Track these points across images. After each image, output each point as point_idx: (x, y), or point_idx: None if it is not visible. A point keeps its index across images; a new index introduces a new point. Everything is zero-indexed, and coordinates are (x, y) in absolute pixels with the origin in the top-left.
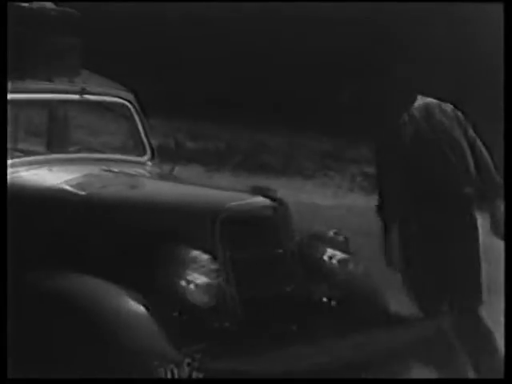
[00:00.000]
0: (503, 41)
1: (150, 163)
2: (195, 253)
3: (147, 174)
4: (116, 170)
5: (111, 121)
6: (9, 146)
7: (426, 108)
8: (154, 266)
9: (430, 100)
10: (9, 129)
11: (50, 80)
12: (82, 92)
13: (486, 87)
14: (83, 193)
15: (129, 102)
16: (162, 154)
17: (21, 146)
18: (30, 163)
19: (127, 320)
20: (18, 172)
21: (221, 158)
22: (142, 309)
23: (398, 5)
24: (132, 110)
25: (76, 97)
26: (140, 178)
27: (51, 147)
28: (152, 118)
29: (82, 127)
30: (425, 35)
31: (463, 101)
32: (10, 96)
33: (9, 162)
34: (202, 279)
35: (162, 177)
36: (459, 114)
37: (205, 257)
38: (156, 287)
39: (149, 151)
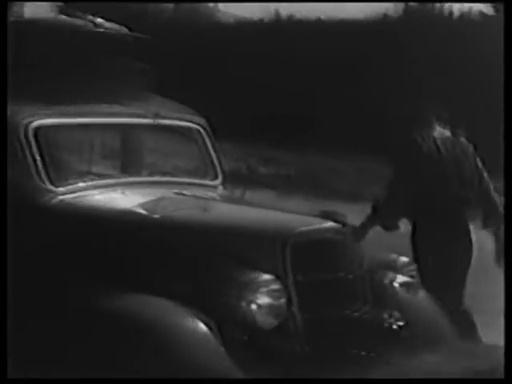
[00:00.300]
0: (503, 41)
1: (221, 187)
2: (260, 274)
3: (218, 198)
4: (188, 193)
5: (183, 145)
6: (83, 168)
7: (449, 140)
8: (220, 287)
9: (448, 134)
10: (84, 152)
11: (124, 104)
12: (155, 116)
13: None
14: (156, 216)
15: (201, 126)
16: (233, 179)
17: (94, 169)
18: (103, 186)
19: (192, 341)
20: (92, 195)
21: (292, 182)
22: (205, 329)
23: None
24: (204, 134)
25: (149, 121)
26: (211, 202)
27: (124, 170)
28: (224, 143)
29: (154, 150)
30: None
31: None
32: (85, 120)
33: (83, 184)
34: (265, 300)
35: (233, 200)
36: (471, 147)
37: (269, 278)
38: (221, 308)
39: (220, 175)
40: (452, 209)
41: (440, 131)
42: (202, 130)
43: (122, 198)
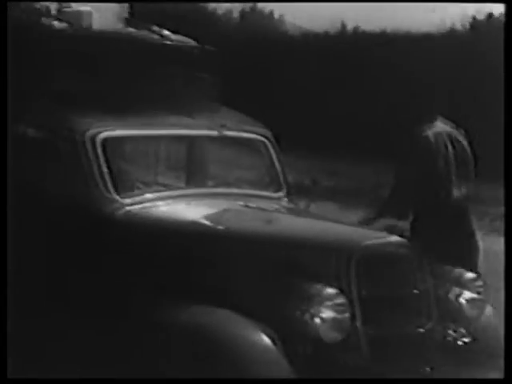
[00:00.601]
0: (503, 42)
1: (285, 199)
2: (324, 288)
3: (283, 210)
4: (253, 205)
5: (248, 156)
6: (149, 179)
7: (449, 135)
8: (283, 300)
9: (450, 129)
10: (149, 163)
11: (190, 116)
12: (222, 128)
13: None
14: (220, 227)
15: (266, 138)
16: (298, 191)
17: (160, 180)
18: (168, 197)
19: (255, 353)
20: (157, 206)
21: (355, 196)
22: (269, 342)
23: None
24: (269, 146)
25: (215, 133)
26: (276, 214)
27: (189, 181)
28: (288, 155)
29: (219, 162)
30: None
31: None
32: (151, 131)
33: (149, 195)
34: (329, 314)
35: (298, 213)
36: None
37: (333, 292)
38: (285, 321)
39: (285, 187)
40: (456, 207)
41: (444, 127)
42: (267, 142)
43: (187, 209)
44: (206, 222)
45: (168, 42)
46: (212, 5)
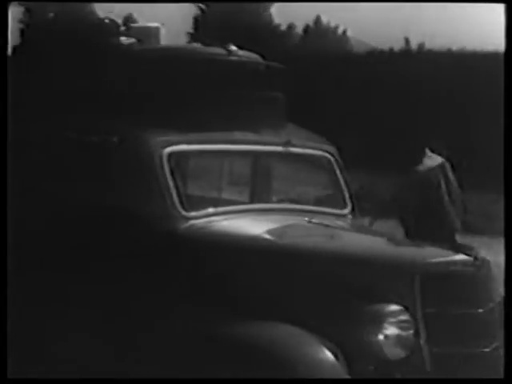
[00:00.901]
0: (504, 44)
1: (350, 216)
2: (388, 305)
3: (347, 227)
4: (316, 221)
5: (312, 172)
6: (213, 194)
7: (441, 167)
8: (347, 316)
9: (442, 160)
10: (213, 178)
11: (256, 132)
12: (287, 144)
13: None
14: (284, 242)
15: (331, 154)
16: (362, 208)
17: (224, 195)
18: (232, 212)
19: (318, 369)
20: (221, 221)
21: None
22: (332, 358)
23: None
24: (333, 162)
25: (280, 149)
26: (339, 231)
27: (254, 197)
28: (353, 171)
29: (283, 178)
30: None
31: None
32: (216, 146)
33: (213, 210)
34: (393, 331)
35: (362, 230)
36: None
37: (397, 308)
38: (348, 337)
39: (349, 204)
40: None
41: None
42: (331, 159)
43: (251, 224)
44: (269, 237)
45: (234, 58)
46: (276, 19)
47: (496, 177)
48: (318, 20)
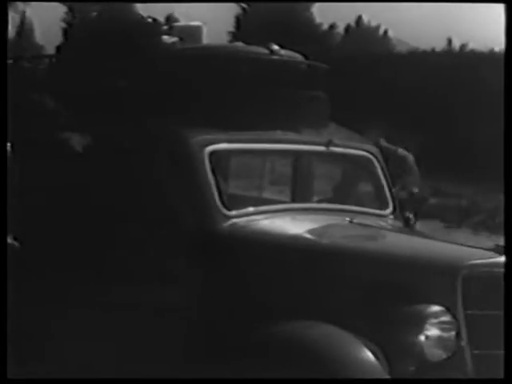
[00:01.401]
0: (504, 44)
1: (391, 216)
2: (429, 305)
3: (388, 227)
4: (357, 221)
5: (354, 172)
6: (254, 194)
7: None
8: (387, 316)
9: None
10: (254, 177)
11: (297, 131)
12: (329, 144)
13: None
14: (325, 242)
15: (372, 155)
16: (404, 208)
17: (265, 194)
18: (273, 211)
19: (359, 369)
20: (261, 220)
21: (462, 215)
22: (373, 358)
23: None
24: (375, 163)
25: (321, 148)
26: (380, 231)
27: (295, 196)
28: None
29: (324, 177)
30: None
31: None
32: (258, 145)
33: (254, 209)
34: (434, 332)
35: (403, 231)
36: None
37: (438, 309)
38: (388, 337)
39: (391, 205)
40: None
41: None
42: (373, 159)
43: (292, 223)
44: (310, 237)
45: (276, 57)
46: (318, 19)
47: None
48: (359, 20)
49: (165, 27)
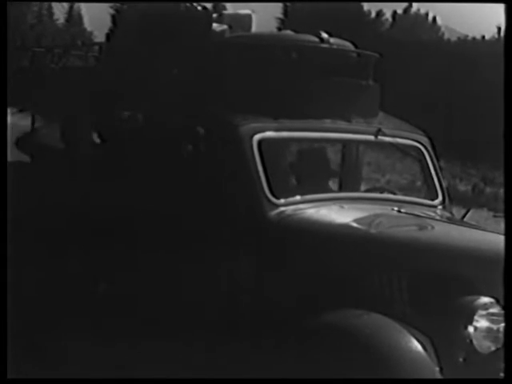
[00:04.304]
0: (504, 43)
1: (440, 207)
2: (479, 297)
3: (437, 217)
4: (406, 211)
5: (403, 162)
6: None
7: None
8: (437, 306)
9: None
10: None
11: (348, 120)
12: (377, 133)
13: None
14: (373, 231)
15: (422, 144)
16: (456, 198)
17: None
18: (322, 199)
19: (408, 359)
20: (310, 208)
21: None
22: (421, 349)
23: None
24: (425, 152)
25: (371, 137)
26: (428, 221)
27: (343, 185)
28: (448, 161)
29: (373, 166)
30: None
31: None
32: (306, 134)
33: (302, 197)
34: (483, 323)
35: (451, 221)
36: None
37: (488, 301)
38: (437, 328)
39: (440, 195)
40: None
41: None
42: (423, 149)
43: (339, 212)
44: (358, 226)
45: (326, 46)
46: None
47: None
48: (407, 8)
49: (214, 15)
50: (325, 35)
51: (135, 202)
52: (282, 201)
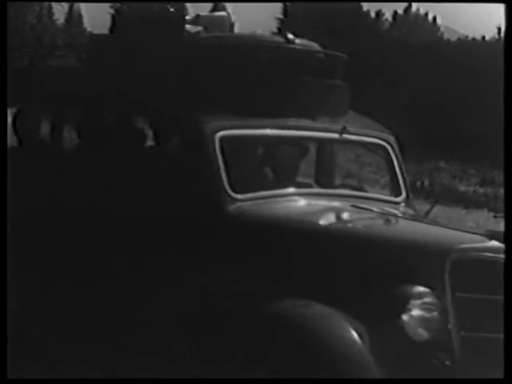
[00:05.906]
0: (504, 44)
1: (403, 204)
2: (413, 286)
3: (399, 214)
4: (360, 206)
5: (368, 160)
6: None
7: None
8: (373, 296)
9: None
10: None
11: (313, 118)
12: (342, 131)
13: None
14: (322, 225)
15: (387, 143)
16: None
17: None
18: (279, 196)
19: (343, 348)
20: (266, 204)
21: (479, 198)
22: (357, 337)
23: None
24: (390, 151)
25: (335, 135)
26: (383, 216)
27: (316, 182)
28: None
29: (337, 164)
30: None
31: None
32: (268, 131)
33: (260, 193)
34: (416, 312)
35: (408, 217)
36: None
37: (422, 290)
38: (372, 317)
39: (404, 192)
40: None
41: None
42: (388, 147)
43: (296, 207)
44: (308, 220)
45: (292, 46)
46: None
47: None
48: (407, 8)
49: (188, 17)
50: (291, 36)
51: (100, 200)
52: (242, 196)
